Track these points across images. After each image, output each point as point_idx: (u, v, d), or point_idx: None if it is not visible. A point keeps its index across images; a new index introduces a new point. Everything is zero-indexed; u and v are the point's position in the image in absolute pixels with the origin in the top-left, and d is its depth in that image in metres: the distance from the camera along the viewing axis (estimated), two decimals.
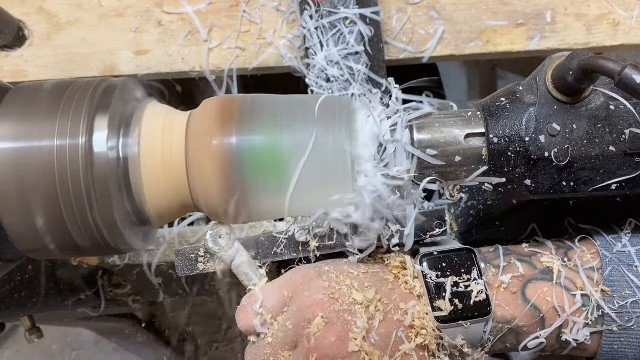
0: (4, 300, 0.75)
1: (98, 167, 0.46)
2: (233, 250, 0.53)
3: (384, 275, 0.54)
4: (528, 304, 0.53)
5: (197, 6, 0.81)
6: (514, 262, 0.55)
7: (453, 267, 0.53)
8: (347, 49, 0.68)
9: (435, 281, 0.53)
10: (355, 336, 0.49)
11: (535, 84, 0.51)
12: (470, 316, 0.52)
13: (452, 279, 0.53)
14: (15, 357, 1.59)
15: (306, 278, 0.52)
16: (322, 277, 0.52)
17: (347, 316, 0.50)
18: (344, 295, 0.51)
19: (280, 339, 0.51)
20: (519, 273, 0.54)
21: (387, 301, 0.52)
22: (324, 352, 0.49)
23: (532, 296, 0.53)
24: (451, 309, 0.52)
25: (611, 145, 0.49)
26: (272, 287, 0.53)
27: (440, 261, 0.54)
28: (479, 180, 0.53)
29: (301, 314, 0.50)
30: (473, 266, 0.54)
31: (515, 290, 0.54)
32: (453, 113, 0.54)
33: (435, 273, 0.53)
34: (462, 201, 0.72)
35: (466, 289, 0.52)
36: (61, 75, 0.80)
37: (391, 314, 0.52)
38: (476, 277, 0.53)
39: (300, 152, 0.49)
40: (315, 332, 0.49)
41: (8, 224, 0.47)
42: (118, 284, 0.86)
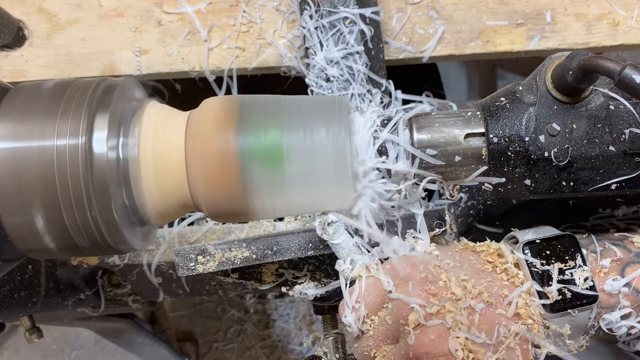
0: (4, 300, 0.75)
1: (98, 167, 0.46)
2: (342, 238, 0.52)
3: (480, 266, 0.53)
4: (630, 287, 0.52)
5: (197, 6, 0.81)
6: (609, 247, 0.55)
7: (557, 254, 0.52)
8: (347, 49, 0.68)
9: (541, 269, 0.52)
10: (458, 334, 0.48)
11: (535, 84, 0.51)
12: (579, 304, 0.51)
13: (557, 265, 0.52)
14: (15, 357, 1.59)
15: (405, 273, 0.51)
16: (418, 269, 0.51)
17: (446, 313, 0.49)
18: (442, 289, 0.50)
19: (381, 333, 0.52)
20: (617, 257, 0.54)
21: (488, 294, 0.50)
22: (425, 350, 0.48)
23: (632, 280, 0.53)
24: (559, 297, 0.51)
25: (611, 145, 0.49)
26: (369, 282, 0.52)
27: (543, 248, 0.53)
28: (479, 180, 0.53)
29: (399, 310, 0.50)
30: (577, 253, 0.53)
31: (615, 274, 0.53)
32: (453, 113, 0.54)
33: (540, 261, 0.52)
34: (462, 201, 0.72)
35: (571, 276, 0.51)
36: (61, 75, 0.80)
37: (493, 307, 0.50)
38: (581, 263, 0.52)
39: (300, 152, 0.49)
40: (413, 329, 0.49)
41: (8, 224, 0.47)
42: (118, 284, 0.86)
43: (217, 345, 1.62)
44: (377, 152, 0.52)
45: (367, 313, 0.52)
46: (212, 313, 1.66)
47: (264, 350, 1.62)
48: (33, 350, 1.58)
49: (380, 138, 0.51)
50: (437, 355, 0.48)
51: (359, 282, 0.52)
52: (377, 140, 0.52)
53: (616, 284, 0.53)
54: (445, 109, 0.79)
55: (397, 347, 0.51)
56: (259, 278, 0.61)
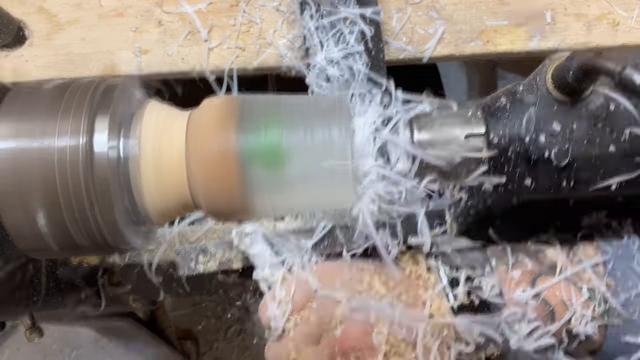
0: (4, 300, 0.75)
1: (98, 167, 0.46)
2: (258, 248, 0.53)
3: (399, 272, 0.55)
4: (538, 299, 0.54)
5: (197, 6, 0.81)
6: (521, 259, 0.57)
7: (466, 263, 0.55)
8: (347, 49, 0.68)
9: (451, 276, 0.54)
10: (380, 329, 0.49)
11: (536, 84, 0.51)
12: (485, 310, 0.53)
13: (465, 272, 0.54)
14: (16, 356, 1.59)
15: (329, 272, 0.52)
16: (343, 271, 0.52)
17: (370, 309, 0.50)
18: (366, 289, 0.52)
19: (303, 334, 0.52)
20: (528, 269, 0.56)
21: (406, 295, 0.53)
22: (349, 345, 0.49)
23: (542, 291, 0.55)
24: (467, 303, 0.53)
25: (611, 145, 0.49)
26: (295, 283, 0.53)
27: (453, 258, 0.55)
28: (479, 180, 0.53)
29: (324, 308, 0.51)
30: (485, 262, 0.55)
31: (525, 286, 0.55)
32: (453, 113, 0.54)
33: (450, 268, 0.54)
34: (462, 201, 0.72)
35: (480, 284, 0.53)
36: (61, 75, 0.80)
37: (411, 308, 0.52)
38: (489, 272, 0.54)
39: (301, 152, 0.49)
40: (338, 324, 0.49)
41: (8, 224, 0.47)
42: (118, 284, 0.86)
43: (217, 344, 1.62)
44: (377, 152, 0.52)
45: (291, 309, 0.52)
46: (212, 312, 1.66)
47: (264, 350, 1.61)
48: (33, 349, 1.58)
49: (381, 138, 0.52)
50: (362, 349, 0.49)
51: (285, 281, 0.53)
52: (377, 140, 0.52)
53: (525, 294, 0.55)
54: (445, 109, 0.79)
55: (319, 348, 0.51)
56: None
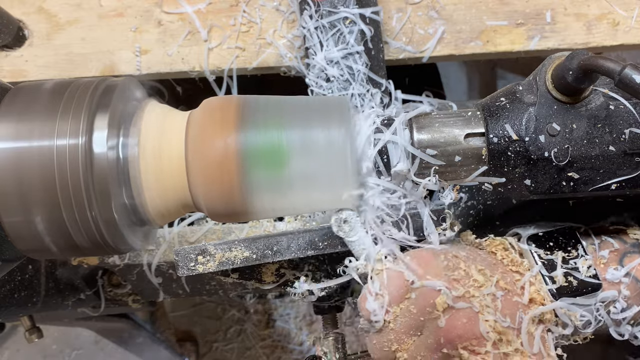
0: (4, 300, 0.75)
1: (98, 167, 0.46)
2: (358, 235, 0.52)
3: (490, 259, 0.55)
4: (630, 277, 0.54)
5: (197, 6, 0.81)
6: (605, 239, 0.56)
7: (559, 244, 0.55)
8: (347, 49, 0.68)
9: (545, 258, 0.54)
10: (487, 317, 0.49)
11: (535, 84, 0.51)
12: (584, 291, 0.52)
13: (561, 254, 0.54)
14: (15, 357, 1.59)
15: (424, 261, 0.52)
16: (439, 258, 0.52)
17: (472, 298, 0.50)
18: (463, 277, 0.51)
19: (404, 325, 0.51)
20: (614, 248, 0.55)
21: (504, 282, 0.52)
22: (456, 334, 0.49)
23: (631, 269, 0.54)
24: (565, 284, 0.52)
25: (611, 145, 0.49)
26: (392, 273, 0.52)
27: (546, 240, 0.55)
28: (479, 180, 0.53)
29: (424, 298, 0.50)
30: (578, 243, 0.55)
31: (615, 265, 0.54)
32: (453, 113, 0.54)
33: (544, 251, 0.54)
34: (462, 201, 0.72)
35: (575, 265, 0.53)
36: (61, 75, 0.80)
37: (509, 295, 0.52)
38: (583, 253, 0.54)
39: (301, 152, 0.49)
40: (442, 313, 0.49)
41: (8, 224, 0.47)
42: (118, 284, 0.86)
43: (217, 345, 1.62)
44: (377, 152, 0.52)
45: (389, 300, 0.51)
46: (212, 313, 1.66)
47: (264, 350, 1.62)
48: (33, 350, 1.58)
49: (382, 140, 0.51)
50: (469, 339, 0.49)
51: (379, 273, 0.52)
52: (377, 140, 0.52)
53: (617, 272, 0.54)
54: (445, 109, 0.79)
55: (423, 338, 0.51)
56: (259, 278, 0.61)
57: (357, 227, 0.52)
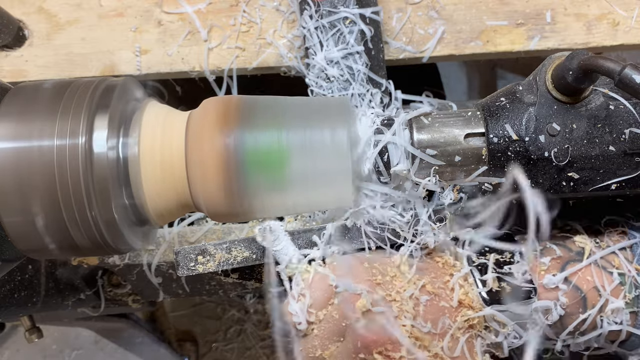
0: (4, 300, 0.75)
1: (98, 167, 0.46)
2: (282, 244, 0.53)
3: (422, 263, 0.54)
4: (569, 285, 0.53)
5: (197, 6, 0.81)
6: (550, 246, 0.56)
7: (495, 250, 0.54)
8: (347, 49, 0.68)
9: (478, 261, 0.53)
10: (404, 322, 0.49)
11: (535, 84, 0.51)
12: (517, 298, 0.51)
13: (494, 256, 0.53)
14: (15, 357, 1.59)
15: (349, 267, 0.52)
16: (363, 265, 0.52)
17: (392, 303, 0.50)
18: (387, 282, 0.51)
19: (327, 330, 0.51)
20: (557, 255, 0.55)
21: (432, 287, 0.52)
22: (372, 339, 0.48)
23: (571, 277, 0.54)
24: (498, 289, 0.52)
25: (611, 145, 0.49)
26: (316, 277, 0.52)
27: (481, 245, 0.54)
28: (478, 180, 0.53)
29: (347, 302, 0.50)
30: (515, 248, 0.54)
31: (555, 272, 0.54)
32: (453, 113, 0.54)
33: (477, 255, 0.53)
34: (462, 201, 0.72)
35: (510, 270, 0.52)
36: (61, 75, 0.80)
37: (436, 300, 0.51)
38: (518, 258, 0.53)
39: (300, 152, 0.49)
40: (361, 315, 0.49)
41: (8, 224, 0.47)
42: (118, 284, 0.86)
43: (217, 345, 1.62)
44: (377, 153, 0.52)
45: (312, 304, 0.51)
46: (212, 313, 1.66)
47: (264, 350, 1.62)
48: (33, 350, 1.58)
49: (383, 141, 0.51)
50: (384, 343, 0.48)
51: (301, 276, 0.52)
52: (377, 141, 0.52)
53: (554, 278, 0.54)
54: (445, 109, 0.79)
55: (344, 343, 0.51)
56: (259, 278, 0.61)
57: (282, 236, 0.52)
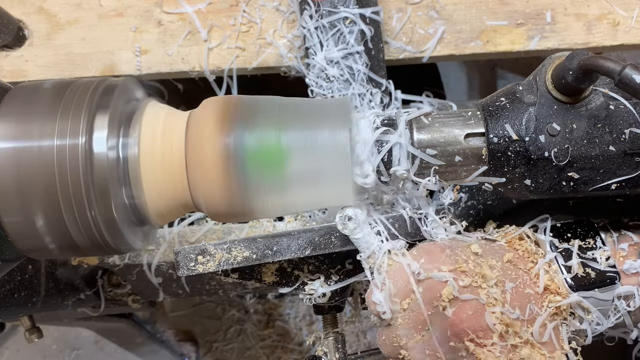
0: (4, 300, 0.75)
1: (98, 167, 0.46)
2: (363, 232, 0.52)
3: (503, 251, 0.54)
4: None
5: (197, 6, 0.81)
6: (625, 233, 0.55)
7: (577, 235, 0.54)
8: (347, 49, 0.68)
9: (562, 247, 0.53)
10: (494, 309, 0.48)
11: (535, 84, 0.51)
12: (602, 283, 0.51)
13: (577, 242, 0.53)
14: (15, 357, 1.59)
15: (430, 255, 0.51)
16: (445, 252, 0.51)
17: (479, 290, 0.49)
18: (471, 270, 0.50)
19: (412, 319, 0.51)
20: (634, 241, 0.54)
21: (515, 275, 0.51)
22: (464, 326, 0.48)
23: None
24: (583, 274, 0.51)
25: (611, 145, 0.49)
26: (397, 266, 0.52)
27: (564, 231, 0.54)
28: (479, 180, 0.53)
29: (432, 290, 0.50)
30: (596, 235, 0.54)
31: (634, 258, 0.53)
32: (453, 113, 0.54)
33: (560, 241, 0.53)
34: (462, 201, 0.72)
35: (593, 256, 0.52)
36: (61, 75, 0.80)
37: (521, 287, 0.51)
38: (601, 245, 0.53)
39: (300, 152, 0.49)
40: (448, 304, 0.48)
41: (8, 224, 0.47)
42: (118, 284, 0.86)
43: (217, 345, 1.62)
44: (377, 152, 0.52)
45: (395, 293, 0.51)
46: (212, 313, 1.66)
47: (264, 350, 1.62)
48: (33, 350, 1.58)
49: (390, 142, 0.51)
50: (476, 331, 0.48)
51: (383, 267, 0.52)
52: (377, 140, 0.52)
53: (635, 263, 0.53)
54: (445, 109, 0.79)
55: (430, 332, 0.51)
56: (259, 278, 0.61)
57: (362, 225, 0.52)
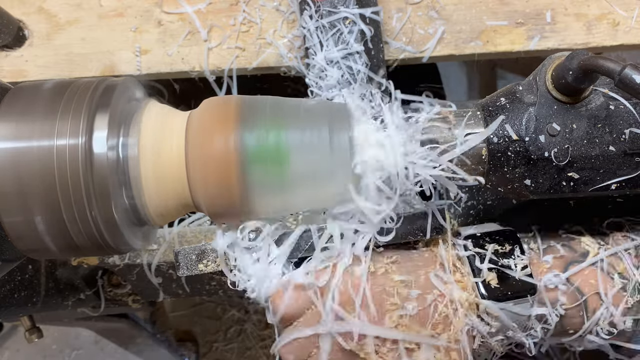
0: (4, 300, 0.75)
1: (98, 167, 0.46)
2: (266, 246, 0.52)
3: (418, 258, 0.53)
4: (571, 286, 0.52)
5: (197, 6, 0.81)
6: (553, 245, 0.55)
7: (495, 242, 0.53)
8: (347, 49, 0.68)
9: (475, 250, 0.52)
10: (391, 314, 0.48)
11: (535, 84, 0.51)
12: (517, 295, 0.51)
13: (493, 247, 0.52)
14: (15, 357, 1.59)
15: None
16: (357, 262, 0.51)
17: (384, 296, 0.49)
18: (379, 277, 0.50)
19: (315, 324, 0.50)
20: (560, 255, 0.54)
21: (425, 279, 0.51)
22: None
23: (574, 278, 0.53)
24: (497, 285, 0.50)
25: (611, 145, 0.49)
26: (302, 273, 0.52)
27: (483, 240, 0.53)
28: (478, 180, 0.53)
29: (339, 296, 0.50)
30: (516, 244, 0.53)
31: (558, 271, 0.53)
32: (453, 113, 0.54)
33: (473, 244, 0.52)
34: (462, 201, 0.72)
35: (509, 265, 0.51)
36: (61, 75, 0.80)
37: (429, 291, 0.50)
38: (519, 254, 0.52)
39: (301, 152, 0.49)
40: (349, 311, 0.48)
41: (8, 224, 0.47)
42: (118, 284, 0.86)
43: (217, 345, 1.62)
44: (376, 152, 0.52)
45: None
46: (212, 313, 1.66)
47: (264, 351, 1.62)
48: (33, 350, 1.58)
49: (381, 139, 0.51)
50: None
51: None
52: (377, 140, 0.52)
53: (556, 278, 0.53)
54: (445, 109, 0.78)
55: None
56: None
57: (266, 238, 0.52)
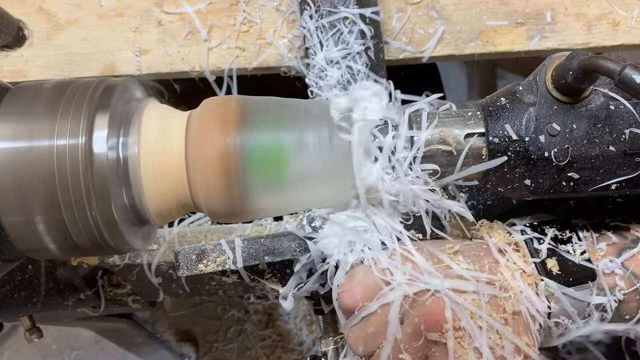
0: (4, 300, 0.75)
1: (98, 167, 0.46)
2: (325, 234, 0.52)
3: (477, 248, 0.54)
4: (627, 271, 0.52)
5: (197, 6, 0.81)
6: (604, 233, 0.55)
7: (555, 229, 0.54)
8: (347, 49, 0.68)
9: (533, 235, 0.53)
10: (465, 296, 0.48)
11: (535, 84, 0.51)
12: (576, 281, 0.51)
13: (553, 231, 0.53)
14: (15, 357, 1.59)
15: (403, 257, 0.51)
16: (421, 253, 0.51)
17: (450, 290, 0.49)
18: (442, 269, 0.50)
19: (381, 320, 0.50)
20: (612, 242, 0.54)
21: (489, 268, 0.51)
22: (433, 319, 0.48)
23: (629, 263, 0.53)
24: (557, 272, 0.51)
25: (611, 145, 0.49)
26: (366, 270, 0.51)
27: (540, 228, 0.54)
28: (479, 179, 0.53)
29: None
30: (572, 232, 0.54)
31: (612, 258, 0.53)
32: (453, 113, 0.54)
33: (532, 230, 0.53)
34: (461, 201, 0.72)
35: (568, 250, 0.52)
36: (61, 75, 0.80)
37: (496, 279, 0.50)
38: (577, 240, 0.53)
39: (301, 153, 0.49)
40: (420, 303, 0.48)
41: (8, 224, 0.47)
42: (118, 284, 0.86)
43: (217, 345, 1.62)
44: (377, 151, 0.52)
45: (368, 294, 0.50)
46: (212, 313, 1.66)
47: (264, 350, 1.62)
48: (33, 350, 1.58)
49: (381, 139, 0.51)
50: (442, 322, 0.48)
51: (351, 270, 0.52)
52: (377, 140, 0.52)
53: (612, 264, 0.53)
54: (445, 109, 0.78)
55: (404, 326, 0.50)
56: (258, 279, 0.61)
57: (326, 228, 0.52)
